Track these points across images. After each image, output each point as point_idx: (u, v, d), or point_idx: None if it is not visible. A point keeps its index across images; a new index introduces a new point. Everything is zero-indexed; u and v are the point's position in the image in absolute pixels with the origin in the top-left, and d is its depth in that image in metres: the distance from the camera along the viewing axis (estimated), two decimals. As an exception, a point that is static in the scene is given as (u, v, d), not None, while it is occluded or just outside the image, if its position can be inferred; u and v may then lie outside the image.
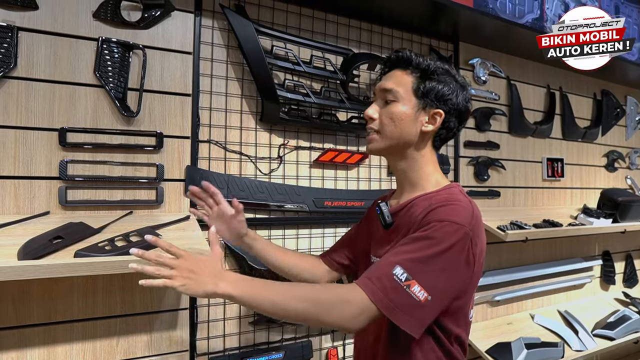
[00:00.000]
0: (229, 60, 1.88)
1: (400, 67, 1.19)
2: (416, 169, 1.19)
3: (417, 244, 1.01)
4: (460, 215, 1.03)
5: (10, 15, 1.52)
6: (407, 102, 1.15)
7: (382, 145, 1.18)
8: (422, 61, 1.17)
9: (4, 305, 1.49)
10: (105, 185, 1.63)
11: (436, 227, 1.01)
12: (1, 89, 1.50)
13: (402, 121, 1.15)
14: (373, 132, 1.19)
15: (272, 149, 1.97)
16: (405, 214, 1.16)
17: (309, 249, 2.03)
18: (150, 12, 1.72)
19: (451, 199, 1.09)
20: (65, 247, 1.37)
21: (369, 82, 2.21)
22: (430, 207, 1.07)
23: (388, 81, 1.19)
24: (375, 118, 1.19)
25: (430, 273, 0.98)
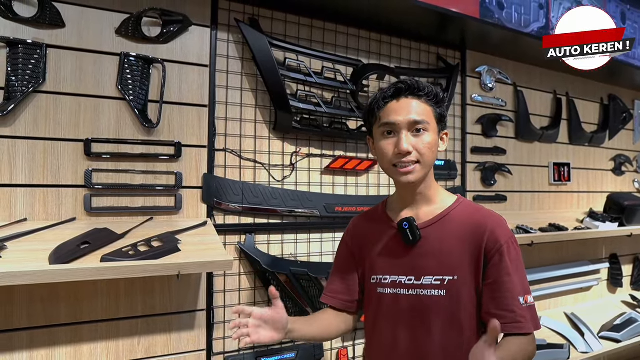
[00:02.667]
0: (244, 72, 1.96)
1: (412, 95, 1.20)
2: (431, 186, 1.26)
3: (510, 270, 1.16)
4: (507, 227, 1.22)
5: (40, 33, 1.61)
6: (433, 130, 1.20)
7: (422, 174, 1.20)
8: (432, 90, 1.22)
9: (35, 306, 1.59)
10: (127, 193, 1.73)
11: (507, 246, 1.18)
12: (31, 103, 1.60)
13: (435, 148, 1.21)
14: (412, 164, 1.18)
15: (285, 157, 2.05)
16: (437, 229, 1.23)
17: (320, 253, 2.11)
18: (169, 27, 1.80)
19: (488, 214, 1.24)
20: (92, 251, 1.46)
21: (378, 91, 2.28)
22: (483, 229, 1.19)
23: (413, 113, 1.19)
24: (411, 151, 1.18)
25: (526, 282, 1.20)
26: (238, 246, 1.91)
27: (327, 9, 2.10)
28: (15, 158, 1.58)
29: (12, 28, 1.58)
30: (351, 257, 1.38)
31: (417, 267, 1.23)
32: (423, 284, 1.21)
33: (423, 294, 1.21)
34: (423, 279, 1.21)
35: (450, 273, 1.19)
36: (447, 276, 1.19)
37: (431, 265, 1.21)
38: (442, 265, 1.20)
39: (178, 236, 1.63)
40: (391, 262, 1.27)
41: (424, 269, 1.22)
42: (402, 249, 1.25)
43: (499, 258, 1.17)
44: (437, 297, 1.19)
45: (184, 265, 1.49)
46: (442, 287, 1.19)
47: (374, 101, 1.24)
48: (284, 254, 2.03)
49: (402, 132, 1.18)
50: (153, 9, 1.74)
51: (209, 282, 1.86)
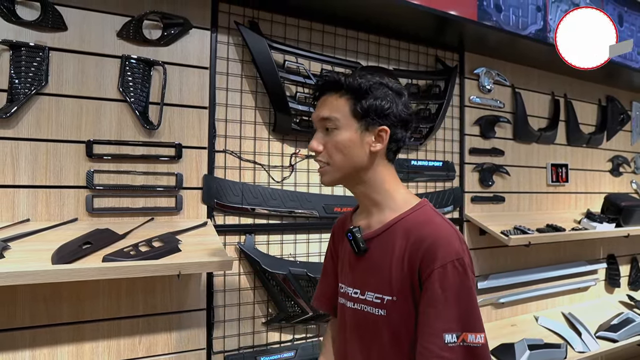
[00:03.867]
0: (244, 74, 1.98)
1: (331, 91, 1.11)
2: (377, 189, 1.13)
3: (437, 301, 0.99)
4: (453, 245, 1.02)
5: (42, 36, 1.64)
6: (348, 127, 1.08)
7: (336, 176, 1.11)
8: (352, 81, 1.09)
9: (37, 305, 1.61)
10: (128, 194, 1.75)
11: (442, 271, 0.99)
12: (34, 105, 1.62)
13: (348, 148, 1.08)
14: (323, 164, 1.11)
15: (285, 158, 2.07)
16: (382, 241, 1.10)
17: (319, 253, 2.13)
18: (169, 30, 1.83)
19: (435, 228, 1.05)
20: (94, 252, 1.49)
21: (376, 93, 2.30)
22: (422, 245, 1.02)
23: (323, 109, 1.10)
24: (320, 150, 1.10)
25: (467, 316, 0.99)
26: (238, 246, 1.93)
27: (326, 11, 2.12)
28: (18, 159, 1.60)
29: (15, 31, 1.60)
30: (331, 258, 1.34)
31: (362, 280, 1.13)
32: (366, 299, 1.11)
33: (366, 310, 1.11)
34: (366, 294, 1.12)
35: (389, 292, 1.07)
36: (386, 296, 1.07)
37: (373, 281, 1.11)
38: (382, 283, 1.08)
39: (178, 236, 1.65)
40: (346, 271, 1.20)
41: (367, 283, 1.12)
42: (354, 259, 1.16)
43: (428, 285, 1.00)
44: (377, 317, 1.09)
45: (185, 265, 1.51)
46: (382, 306, 1.08)
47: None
48: (283, 254, 2.05)
49: (317, 130, 1.13)
50: (154, 12, 1.77)
51: (209, 282, 1.88)
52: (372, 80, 1.10)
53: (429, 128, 2.40)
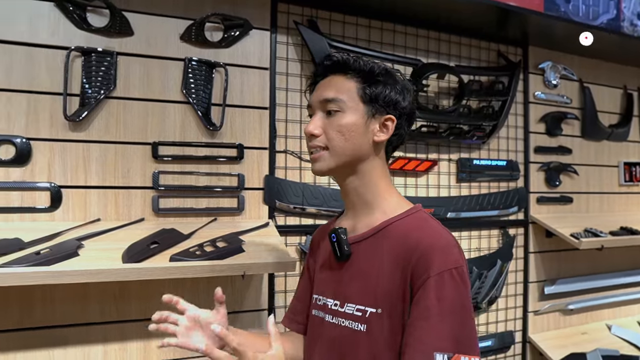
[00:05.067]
0: (303, 73, 1.98)
1: (337, 72, 1.04)
2: (370, 185, 1.03)
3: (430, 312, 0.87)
4: (452, 254, 0.92)
5: (111, 42, 1.69)
6: (354, 111, 0.99)
7: (332, 163, 1.00)
8: (363, 64, 1.02)
9: (108, 302, 1.66)
10: (192, 194, 1.77)
11: (439, 280, 0.88)
12: (103, 109, 1.68)
13: (352, 133, 0.99)
14: (319, 149, 1.01)
15: (344, 158, 2.04)
16: (369, 246, 1.00)
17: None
18: (230, 32, 1.84)
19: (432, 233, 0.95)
20: (161, 251, 1.51)
21: (437, 91, 2.24)
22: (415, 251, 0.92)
23: (328, 89, 1.02)
24: (318, 134, 1.01)
25: (461, 334, 0.88)
26: (299, 247, 1.92)
27: (385, 9, 2.08)
28: (89, 161, 1.66)
29: (86, 38, 1.66)
30: (308, 273, 1.22)
31: (342, 290, 1.02)
32: (346, 312, 0.99)
33: (344, 324, 0.99)
34: (346, 306, 1.00)
35: (374, 304, 0.95)
36: (370, 307, 0.95)
37: (355, 290, 0.99)
38: (365, 293, 0.97)
39: (241, 237, 1.66)
40: (325, 281, 1.09)
41: (348, 294, 1.00)
42: (336, 266, 1.05)
43: (421, 294, 0.88)
44: (356, 333, 0.96)
45: (249, 266, 1.52)
46: (363, 320, 0.96)
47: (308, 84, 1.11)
48: (343, 256, 2.02)
49: (317, 113, 1.03)
50: (215, 14, 1.78)
51: (271, 282, 1.88)
52: (382, 66, 1.04)
53: (492, 126, 2.31)
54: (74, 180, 1.64)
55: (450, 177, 2.29)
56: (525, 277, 2.47)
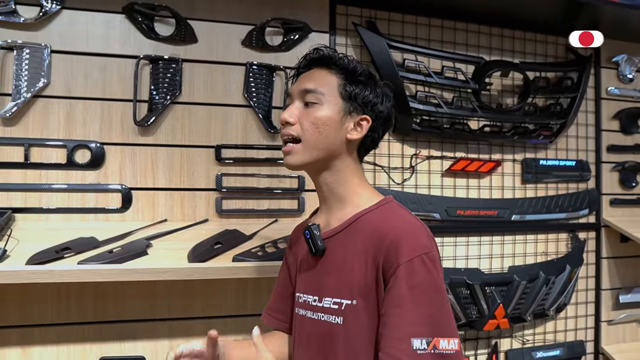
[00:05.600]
0: (362, 75, 1.96)
1: (321, 65, 1.04)
2: (343, 182, 1.03)
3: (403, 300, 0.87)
4: (420, 240, 0.92)
5: (176, 49, 1.76)
6: (332, 105, 1.00)
7: (306, 157, 1.00)
8: (348, 61, 1.03)
9: (174, 300, 1.74)
10: (253, 196, 1.82)
11: (409, 267, 0.87)
12: (169, 114, 1.75)
13: (327, 127, 0.99)
14: (291, 141, 1.01)
15: (405, 159, 2.03)
16: (342, 239, 1.00)
17: (440, 257, 2.03)
18: (290, 35, 1.87)
19: (401, 222, 0.96)
20: (224, 251, 1.56)
21: (501, 89, 2.17)
22: (384, 240, 0.91)
23: (309, 81, 1.02)
24: (292, 122, 1.00)
25: (437, 319, 0.87)
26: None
27: (445, 6, 2.04)
28: (156, 164, 1.74)
29: (154, 46, 1.74)
30: (286, 269, 1.23)
31: (320, 285, 1.02)
32: (323, 306, 1.00)
33: (323, 319, 1.00)
34: (324, 301, 1.00)
35: (349, 296, 0.95)
36: (345, 299, 0.96)
37: (331, 284, 0.99)
38: (340, 286, 0.97)
39: (301, 238, 1.67)
40: (304, 278, 1.09)
41: (325, 288, 1.01)
42: (312, 262, 1.06)
43: (393, 282, 0.88)
44: (333, 326, 0.97)
45: (308, 267, 1.53)
46: (340, 312, 0.96)
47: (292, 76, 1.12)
48: (403, 258, 2.00)
49: (294, 102, 1.03)
50: (275, 19, 1.81)
51: (330, 284, 1.89)
52: (365, 68, 1.05)
53: (560, 124, 2.20)
54: (142, 182, 1.73)
55: (514, 178, 2.21)
56: (598, 284, 2.33)
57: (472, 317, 1.98)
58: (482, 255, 2.14)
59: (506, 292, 2.01)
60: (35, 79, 1.66)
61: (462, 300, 1.94)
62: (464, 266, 2.08)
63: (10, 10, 1.63)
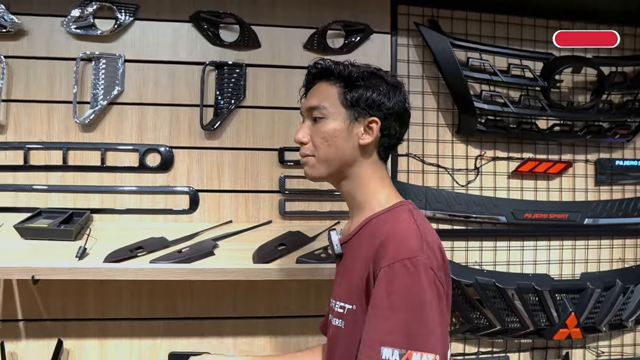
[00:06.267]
0: (425, 75, 1.94)
1: (322, 78, 1.04)
2: (361, 187, 1.03)
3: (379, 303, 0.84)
4: (407, 244, 0.87)
5: (240, 55, 1.81)
6: (336, 117, 1.00)
7: (322, 171, 1.02)
8: (343, 69, 1.01)
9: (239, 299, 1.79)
10: (316, 198, 1.83)
11: (390, 270, 0.84)
12: (234, 118, 1.80)
13: (335, 139, 0.99)
14: (308, 157, 1.04)
15: (469, 161, 1.98)
16: (354, 244, 1.01)
17: (507, 262, 1.98)
18: (351, 37, 1.87)
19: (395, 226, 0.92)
20: (288, 253, 1.58)
21: (572, 86, 2.06)
22: (377, 244, 0.90)
23: (313, 97, 1.04)
24: (306, 142, 1.03)
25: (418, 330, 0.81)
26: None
27: (511, 1, 1.96)
28: (222, 167, 1.79)
29: (219, 53, 1.79)
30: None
31: (336, 289, 1.04)
32: (336, 310, 1.00)
33: (334, 323, 1.01)
34: (336, 304, 1.01)
35: (351, 300, 0.96)
36: (348, 304, 0.96)
37: (342, 288, 1.01)
38: (347, 290, 0.98)
39: (363, 240, 1.67)
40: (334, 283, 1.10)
41: (338, 292, 1.03)
42: (337, 267, 1.09)
43: (375, 287, 0.86)
44: (338, 329, 0.98)
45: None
46: (343, 316, 0.97)
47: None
48: (468, 262, 1.95)
49: (305, 121, 1.05)
50: (336, 22, 1.82)
51: (391, 287, 1.87)
52: (365, 69, 1.02)
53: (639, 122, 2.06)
54: (209, 184, 1.79)
55: (587, 179, 2.09)
56: (682, 294, 2.17)
57: (540, 325, 1.89)
58: (551, 261, 2.04)
59: (578, 300, 1.91)
60: (111, 87, 1.75)
61: (530, 307, 1.86)
62: (531, 271, 2.00)
63: (89, 24, 1.74)
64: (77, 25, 1.73)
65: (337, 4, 1.85)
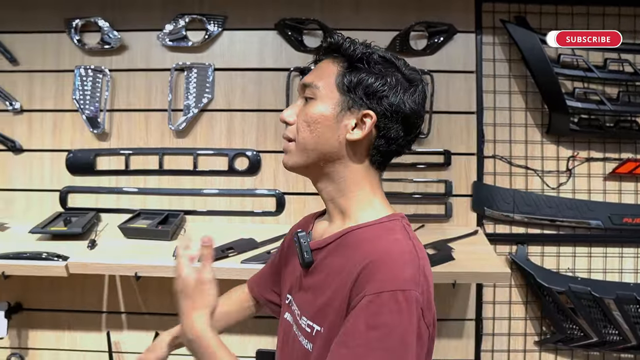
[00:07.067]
0: (511, 74, 1.88)
1: (328, 55, 0.87)
2: (345, 192, 0.85)
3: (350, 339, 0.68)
4: (402, 272, 0.71)
5: (325, 59, 1.83)
6: (327, 100, 0.82)
7: (297, 159, 0.85)
8: (350, 46, 0.83)
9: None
10: (399, 201, 1.82)
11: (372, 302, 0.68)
12: (318, 121, 1.83)
13: (317, 124, 0.82)
14: (289, 140, 0.87)
15: (560, 162, 1.88)
16: (329, 254, 0.83)
17: (603, 269, 1.87)
18: (434, 39, 1.84)
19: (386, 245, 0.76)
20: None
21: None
22: (363, 261, 0.73)
23: (311, 74, 0.87)
24: (291, 122, 0.86)
25: None
26: (509, 257, 1.83)
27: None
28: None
29: (303, 58, 1.84)
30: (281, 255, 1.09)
31: (303, 298, 0.87)
32: (301, 324, 0.84)
33: (299, 338, 0.84)
34: (301, 319, 0.85)
35: (319, 322, 0.79)
36: (317, 325, 0.79)
37: (309, 303, 0.84)
38: (316, 308, 0.81)
39: (450, 244, 1.64)
40: (293, 285, 0.93)
41: (304, 305, 0.85)
42: (302, 272, 0.89)
43: (352, 314, 0.70)
44: (305, 351, 0.81)
45: (459, 275, 1.51)
46: (311, 338, 0.80)
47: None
48: (560, 269, 1.86)
49: (298, 99, 0.89)
50: (419, 23, 1.81)
51: (478, 292, 1.83)
52: (376, 52, 0.83)
53: None
54: (294, 187, 1.84)
55: (698, 181, 1.93)
56: None
57: (645, 338, 1.77)
58: (655, 269, 1.91)
59: (687, 313, 1.76)
60: (201, 95, 1.85)
61: (632, 319, 1.74)
62: (632, 281, 1.87)
63: (181, 36, 1.85)
64: (170, 37, 1.85)
65: (419, 5, 1.84)
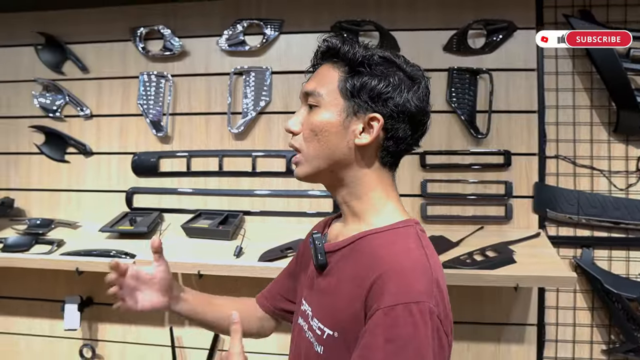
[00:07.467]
0: (575, 70, 1.81)
1: (327, 59, 0.87)
2: (359, 195, 0.85)
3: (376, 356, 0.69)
4: (416, 284, 0.71)
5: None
6: (331, 107, 0.82)
7: (307, 169, 0.85)
8: (349, 49, 0.82)
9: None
10: (458, 202, 1.80)
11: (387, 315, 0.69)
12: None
13: (324, 133, 0.82)
14: (296, 151, 0.87)
15: (629, 162, 1.80)
16: (343, 257, 0.84)
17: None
18: (493, 36, 1.81)
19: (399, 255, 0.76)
20: (432, 258, 1.57)
21: None
22: (376, 272, 0.74)
23: (311, 81, 0.87)
24: (296, 131, 0.85)
25: None
26: (573, 261, 1.76)
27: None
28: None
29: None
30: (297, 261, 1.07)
31: (315, 301, 0.87)
32: (312, 326, 0.85)
33: (310, 338, 0.85)
34: (313, 320, 0.85)
35: (331, 325, 0.80)
36: (328, 328, 0.80)
37: (322, 305, 0.85)
38: (328, 311, 0.82)
39: (511, 247, 1.61)
40: (308, 288, 0.92)
41: (315, 307, 0.86)
42: (316, 273, 0.89)
43: (369, 326, 0.71)
44: (316, 354, 0.82)
45: (522, 278, 1.47)
46: (321, 341, 0.81)
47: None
48: (630, 274, 1.78)
49: (301, 107, 0.87)
50: (477, 21, 1.78)
51: (540, 297, 1.78)
52: (376, 53, 0.83)
53: None
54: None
55: None
56: None
57: None
58: None
59: None
60: (259, 98, 1.90)
61: None
62: None
63: (240, 41, 1.90)
64: (229, 43, 1.90)
65: (477, 3, 1.81)
